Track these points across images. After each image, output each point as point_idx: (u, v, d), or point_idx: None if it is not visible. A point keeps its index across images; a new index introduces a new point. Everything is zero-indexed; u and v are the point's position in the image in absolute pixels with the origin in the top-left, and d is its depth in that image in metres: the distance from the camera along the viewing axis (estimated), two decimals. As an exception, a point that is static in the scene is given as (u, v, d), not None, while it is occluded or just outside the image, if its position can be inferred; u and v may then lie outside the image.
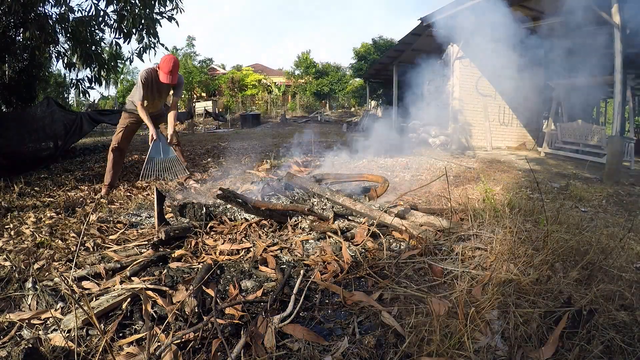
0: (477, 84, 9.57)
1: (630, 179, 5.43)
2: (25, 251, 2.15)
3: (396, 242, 2.41)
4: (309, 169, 4.76)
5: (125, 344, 1.34)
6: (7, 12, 4.47)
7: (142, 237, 2.49)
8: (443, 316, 1.37)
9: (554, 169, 6.22)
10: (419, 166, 5.67)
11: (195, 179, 4.29)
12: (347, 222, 2.70)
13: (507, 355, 1.25)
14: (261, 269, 1.99)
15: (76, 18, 5.24)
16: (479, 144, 9.55)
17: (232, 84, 27.26)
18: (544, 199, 3.00)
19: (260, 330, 1.36)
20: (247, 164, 5.42)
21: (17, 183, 3.81)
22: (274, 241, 2.38)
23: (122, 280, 1.79)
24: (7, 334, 1.40)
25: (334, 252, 2.17)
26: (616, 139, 5.23)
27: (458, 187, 4.01)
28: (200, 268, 1.90)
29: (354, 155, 6.23)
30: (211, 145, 8.68)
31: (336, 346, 1.30)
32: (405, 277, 1.82)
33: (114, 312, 1.54)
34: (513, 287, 1.53)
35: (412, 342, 1.29)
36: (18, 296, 1.66)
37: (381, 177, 3.60)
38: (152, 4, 5.58)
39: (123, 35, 5.57)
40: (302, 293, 1.62)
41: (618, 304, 1.45)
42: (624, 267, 1.77)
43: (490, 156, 7.82)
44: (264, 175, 4.40)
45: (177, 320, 1.46)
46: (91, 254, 2.16)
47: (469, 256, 1.99)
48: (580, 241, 2.01)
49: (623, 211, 3.36)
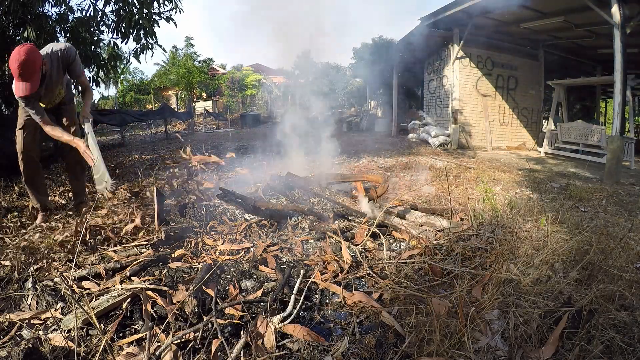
0: (477, 84, 9.57)
1: (630, 179, 5.43)
2: (26, 251, 2.15)
3: (396, 242, 2.41)
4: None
5: (125, 344, 1.34)
6: (7, 12, 4.46)
7: (142, 237, 2.49)
8: (443, 316, 1.37)
9: (554, 169, 6.22)
10: (419, 166, 5.67)
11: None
12: (347, 222, 2.70)
13: (507, 355, 1.25)
14: (261, 269, 1.99)
15: (75, 18, 5.24)
16: (479, 144, 9.55)
17: (232, 84, 27.26)
18: (544, 199, 3.00)
19: (260, 330, 1.36)
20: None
21: (17, 183, 3.81)
22: (274, 241, 2.38)
23: (122, 280, 1.79)
24: (7, 334, 1.40)
25: (334, 252, 2.17)
26: (616, 138, 5.23)
27: (458, 187, 4.01)
28: (200, 268, 1.90)
29: (354, 155, 6.23)
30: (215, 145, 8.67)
31: (336, 346, 1.30)
32: (405, 277, 1.82)
33: (114, 312, 1.54)
34: (513, 287, 1.53)
35: (412, 342, 1.29)
36: (18, 296, 1.66)
37: (381, 177, 3.60)
38: (149, 3, 5.57)
39: (121, 35, 5.57)
40: (302, 293, 1.62)
41: (618, 304, 1.45)
42: (624, 267, 1.77)
43: (490, 156, 7.82)
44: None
45: (177, 320, 1.46)
46: (91, 254, 2.16)
47: (469, 256, 1.99)
48: (580, 241, 2.01)
49: (623, 211, 3.36)
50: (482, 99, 9.62)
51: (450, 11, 7.88)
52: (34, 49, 2.35)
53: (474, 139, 9.55)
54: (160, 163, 5.37)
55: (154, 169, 4.61)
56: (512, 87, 10.04)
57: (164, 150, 7.81)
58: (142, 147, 9.01)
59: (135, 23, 5.46)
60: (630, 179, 5.39)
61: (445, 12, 8.03)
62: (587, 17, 6.78)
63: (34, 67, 2.33)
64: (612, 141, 5.26)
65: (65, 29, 5.21)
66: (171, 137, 11.90)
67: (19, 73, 2.29)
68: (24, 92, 2.36)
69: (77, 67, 2.75)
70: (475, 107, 9.58)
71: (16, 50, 2.29)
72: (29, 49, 2.31)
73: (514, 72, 9.97)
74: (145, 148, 8.86)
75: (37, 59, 2.36)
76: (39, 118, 2.59)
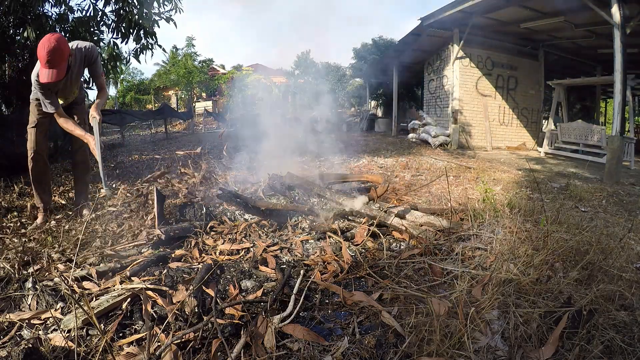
0: (477, 84, 9.58)
1: (630, 179, 5.44)
2: (26, 251, 2.15)
3: (396, 242, 2.41)
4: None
5: (125, 344, 1.34)
6: (7, 12, 4.46)
7: (142, 237, 2.48)
8: (443, 316, 1.37)
9: (554, 169, 6.23)
10: (419, 166, 5.67)
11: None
12: (347, 222, 2.70)
13: (507, 355, 1.25)
14: (261, 269, 1.99)
15: (75, 18, 5.24)
16: (479, 144, 9.55)
17: (232, 84, 27.25)
18: (544, 199, 3.00)
19: (260, 330, 1.36)
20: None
21: (17, 183, 3.81)
22: (274, 241, 2.38)
23: (122, 280, 1.79)
24: (7, 334, 1.40)
25: (334, 252, 2.17)
26: (616, 139, 5.23)
27: (458, 187, 4.01)
28: (200, 268, 1.90)
29: (354, 155, 6.23)
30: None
31: (336, 346, 1.30)
32: (405, 277, 1.82)
33: (114, 312, 1.54)
34: (513, 287, 1.53)
35: (412, 342, 1.29)
36: (18, 296, 1.66)
37: (381, 177, 3.60)
38: (149, 3, 5.57)
39: (121, 35, 5.57)
40: (302, 293, 1.62)
41: (618, 304, 1.45)
42: (624, 267, 1.77)
43: (490, 156, 7.82)
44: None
45: (177, 320, 1.46)
46: (91, 254, 2.16)
47: (469, 256, 1.99)
48: (580, 241, 2.01)
49: (623, 211, 3.36)
50: (482, 99, 9.62)
51: (450, 11, 7.88)
52: (64, 38, 2.38)
53: (474, 139, 9.55)
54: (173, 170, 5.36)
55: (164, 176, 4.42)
56: (512, 87, 10.04)
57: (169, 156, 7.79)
58: (142, 147, 9.01)
59: (135, 23, 5.46)
60: (630, 179, 5.39)
61: (445, 12, 8.03)
62: (587, 17, 6.78)
63: (62, 55, 2.35)
64: (612, 141, 5.26)
65: (65, 29, 5.21)
66: (171, 137, 11.91)
67: (48, 59, 2.30)
68: (49, 79, 2.35)
69: (98, 68, 2.78)
70: (475, 107, 9.58)
71: (46, 38, 2.31)
72: (60, 38, 2.33)
73: (514, 72, 9.97)
74: (145, 148, 8.86)
75: (67, 49, 2.39)
76: (54, 109, 2.61)
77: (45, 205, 2.86)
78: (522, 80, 10.09)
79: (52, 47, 2.28)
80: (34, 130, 2.77)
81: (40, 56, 2.31)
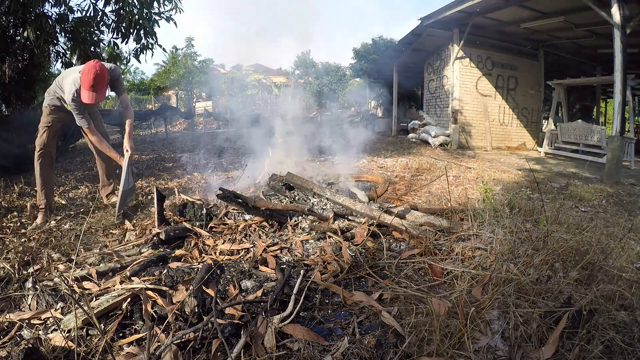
0: (477, 84, 9.57)
1: (630, 179, 5.44)
2: (26, 251, 2.15)
3: (396, 242, 2.41)
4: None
5: (125, 344, 1.34)
6: (7, 12, 4.46)
7: (142, 237, 2.49)
8: (443, 316, 1.37)
9: (554, 169, 6.23)
10: (419, 166, 5.67)
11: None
12: (347, 222, 2.70)
13: (507, 355, 1.25)
14: (261, 269, 1.99)
15: (75, 18, 5.24)
16: (479, 144, 9.55)
17: (232, 84, 27.26)
18: (544, 199, 3.00)
19: (260, 330, 1.36)
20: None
21: (17, 183, 3.81)
22: (274, 241, 2.38)
23: (122, 280, 1.79)
24: (7, 334, 1.40)
25: (334, 252, 2.17)
26: (616, 139, 5.23)
27: (458, 187, 4.01)
28: (200, 268, 1.90)
29: (354, 156, 6.23)
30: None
31: (336, 346, 1.30)
32: (405, 277, 1.82)
33: (114, 312, 1.54)
34: (513, 287, 1.53)
35: (412, 342, 1.29)
36: (18, 296, 1.66)
37: (381, 177, 3.60)
38: (149, 3, 5.57)
39: (121, 35, 5.56)
40: (302, 293, 1.62)
41: (618, 304, 1.45)
42: (624, 267, 1.77)
43: (490, 156, 7.82)
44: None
45: (177, 320, 1.46)
46: (91, 254, 2.16)
47: (469, 256, 1.99)
48: (580, 241, 2.01)
49: (623, 211, 3.36)
50: (482, 99, 9.62)
51: (450, 11, 7.88)
52: (105, 67, 2.73)
53: (474, 139, 9.55)
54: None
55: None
56: (512, 87, 10.04)
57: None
58: (142, 147, 9.01)
59: (135, 23, 5.46)
60: (630, 179, 5.39)
61: (445, 12, 8.03)
62: (587, 17, 6.78)
63: (104, 82, 2.69)
64: (612, 141, 5.26)
65: (65, 29, 5.21)
66: (171, 137, 11.90)
67: (92, 84, 2.62)
68: (91, 100, 2.67)
69: (121, 85, 3.02)
70: (475, 107, 9.58)
71: (92, 64, 2.65)
72: (103, 66, 2.70)
73: (514, 72, 9.97)
74: (145, 148, 8.86)
75: (107, 76, 2.74)
76: (86, 125, 2.87)
77: (47, 202, 2.94)
78: (522, 80, 10.09)
79: (97, 74, 2.62)
80: (46, 129, 2.96)
81: (86, 80, 2.62)
